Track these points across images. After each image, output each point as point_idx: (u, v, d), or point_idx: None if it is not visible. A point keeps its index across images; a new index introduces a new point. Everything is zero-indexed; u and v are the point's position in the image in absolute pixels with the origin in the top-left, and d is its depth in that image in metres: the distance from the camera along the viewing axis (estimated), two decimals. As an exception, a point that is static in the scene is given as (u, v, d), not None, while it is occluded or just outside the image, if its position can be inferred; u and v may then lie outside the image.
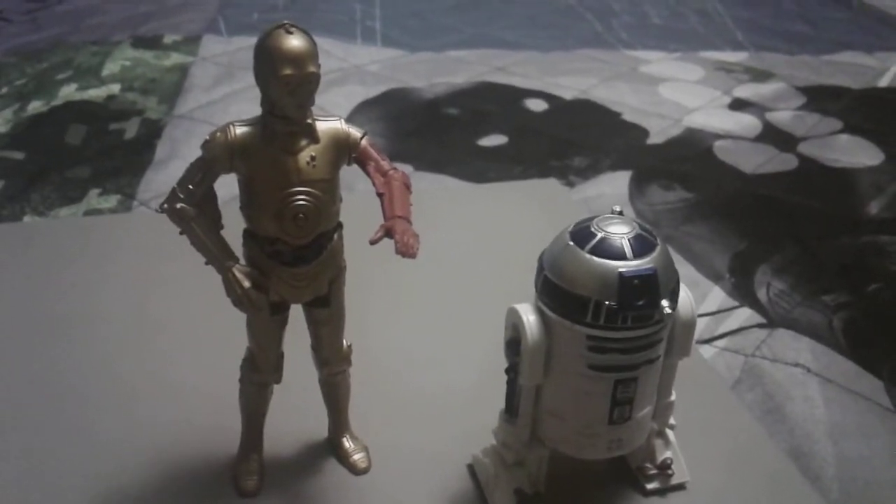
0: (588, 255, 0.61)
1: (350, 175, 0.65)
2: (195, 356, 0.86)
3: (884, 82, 1.75)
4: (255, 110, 0.62)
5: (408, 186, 0.63)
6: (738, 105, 1.61)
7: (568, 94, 1.63)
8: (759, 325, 0.97)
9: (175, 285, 0.96)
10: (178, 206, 0.61)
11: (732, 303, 1.01)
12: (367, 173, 0.63)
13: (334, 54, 1.78)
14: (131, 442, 0.76)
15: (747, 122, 1.53)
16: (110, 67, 1.70)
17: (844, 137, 1.48)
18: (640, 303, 0.60)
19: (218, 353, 0.76)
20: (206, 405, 0.79)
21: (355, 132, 0.63)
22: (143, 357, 0.86)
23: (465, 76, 1.71)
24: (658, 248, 0.62)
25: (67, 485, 0.72)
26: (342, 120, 0.63)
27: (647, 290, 0.60)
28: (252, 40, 0.61)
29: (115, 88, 1.60)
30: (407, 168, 1.28)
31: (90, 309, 0.94)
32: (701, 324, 0.95)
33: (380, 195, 0.62)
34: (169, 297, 0.95)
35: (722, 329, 0.96)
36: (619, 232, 0.62)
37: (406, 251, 0.59)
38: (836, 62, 1.85)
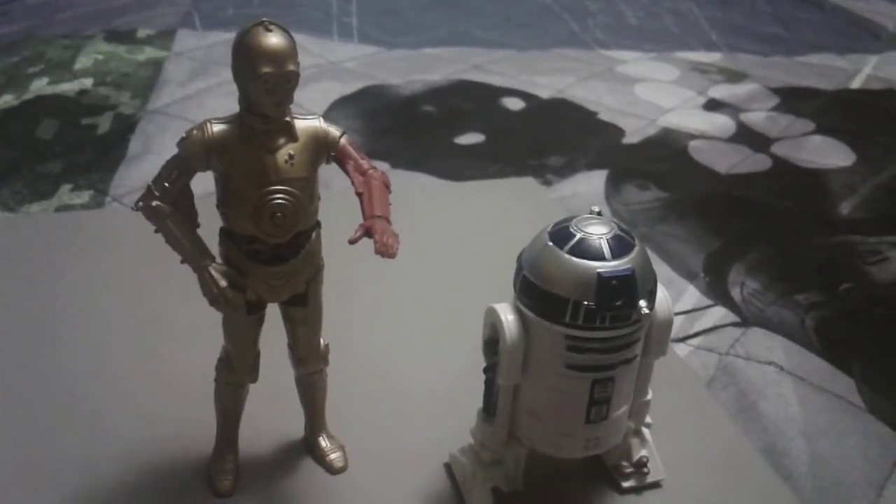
0: (567, 256, 0.61)
1: (327, 172, 0.65)
2: (170, 354, 0.85)
3: (856, 84, 1.77)
4: (231, 106, 0.61)
5: (387, 186, 0.63)
6: (713, 105, 1.62)
7: (545, 93, 1.64)
8: (733, 324, 0.98)
9: (149, 283, 0.95)
10: (154, 203, 0.61)
11: (707, 302, 1.02)
12: (346, 172, 0.63)
13: (310, 50, 1.77)
14: (103, 440, 0.75)
15: (721, 123, 1.55)
16: (83, 61, 1.67)
17: (817, 138, 1.50)
18: (618, 303, 0.60)
19: (193, 351, 0.75)
20: (181, 404, 0.78)
21: (334, 131, 0.63)
22: (116, 354, 0.85)
23: (442, 74, 1.71)
24: (636, 249, 0.62)
25: (38, 485, 0.71)
26: (321, 118, 0.63)
27: (625, 291, 0.60)
28: (227, 35, 0.61)
29: (88, 83, 1.58)
30: (383, 165, 1.28)
31: (62, 305, 0.92)
32: (676, 322, 0.95)
33: (359, 194, 0.62)
34: (143, 295, 0.94)
35: (696, 328, 0.97)
36: (598, 232, 0.62)
37: (385, 251, 0.59)
38: (808, 63, 1.88)
